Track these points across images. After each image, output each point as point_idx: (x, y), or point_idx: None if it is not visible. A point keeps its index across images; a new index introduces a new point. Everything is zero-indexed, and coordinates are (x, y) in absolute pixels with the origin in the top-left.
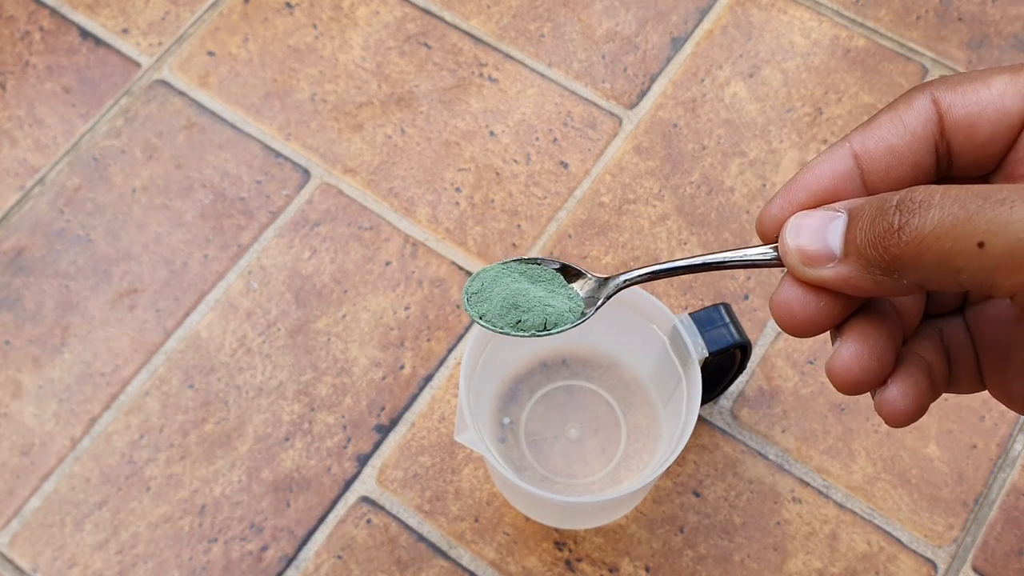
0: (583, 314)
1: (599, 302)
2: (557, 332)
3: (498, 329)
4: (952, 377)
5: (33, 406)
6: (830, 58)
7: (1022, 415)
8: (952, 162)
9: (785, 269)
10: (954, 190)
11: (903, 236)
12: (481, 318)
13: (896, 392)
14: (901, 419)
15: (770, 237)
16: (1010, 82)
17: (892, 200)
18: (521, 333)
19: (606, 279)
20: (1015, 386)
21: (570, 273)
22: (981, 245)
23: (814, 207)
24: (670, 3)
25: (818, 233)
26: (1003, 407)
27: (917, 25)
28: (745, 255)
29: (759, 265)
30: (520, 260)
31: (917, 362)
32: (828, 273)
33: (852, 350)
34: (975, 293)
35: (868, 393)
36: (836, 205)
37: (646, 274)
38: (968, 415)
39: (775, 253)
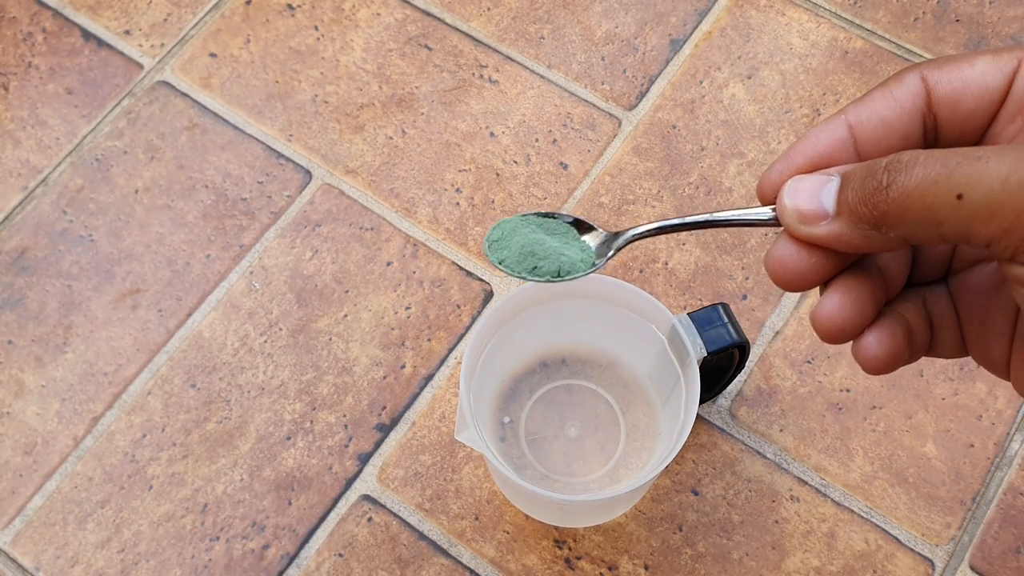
0: (594, 264)
1: (609, 253)
2: (570, 279)
3: (516, 274)
4: (935, 341)
5: (36, 405)
6: (828, 59)
7: (1003, 379)
8: (938, 134)
9: (782, 229)
10: (937, 152)
11: (890, 193)
12: (501, 263)
13: (872, 339)
14: (874, 364)
15: (770, 199)
16: (992, 62)
17: (881, 162)
18: (537, 278)
19: (616, 233)
20: (994, 349)
21: (583, 227)
22: (960, 197)
23: (811, 172)
24: (669, 5)
25: (813, 194)
26: (1000, 407)
27: (915, 27)
28: (746, 214)
29: (759, 224)
30: (537, 213)
31: (896, 317)
32: (821, 230)
33: (836, 301)
34: (958, 259)
35: (864, 396)
36: (830, 170)
37: (654, 229)
38: (966, 414)
39: (773, 213)
